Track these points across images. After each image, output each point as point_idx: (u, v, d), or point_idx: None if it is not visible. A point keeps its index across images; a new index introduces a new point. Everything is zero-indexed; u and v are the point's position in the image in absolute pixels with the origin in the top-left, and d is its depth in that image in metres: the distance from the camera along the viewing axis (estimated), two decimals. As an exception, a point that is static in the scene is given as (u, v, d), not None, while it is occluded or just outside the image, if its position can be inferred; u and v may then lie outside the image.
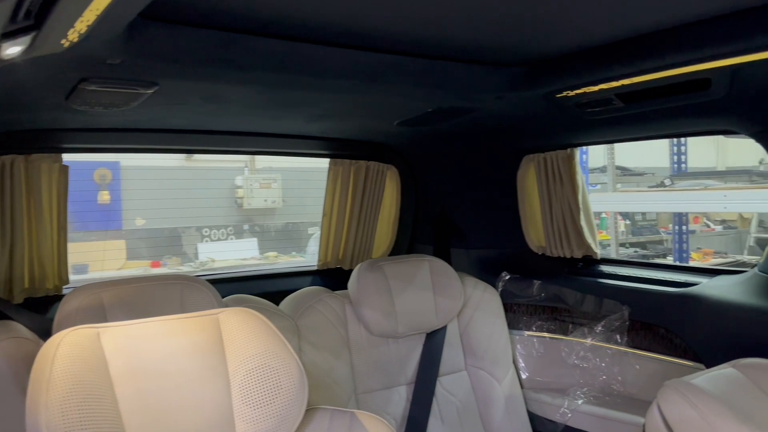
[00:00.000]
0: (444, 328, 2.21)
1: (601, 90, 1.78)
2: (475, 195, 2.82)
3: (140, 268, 7.47)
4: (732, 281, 2.04)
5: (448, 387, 2.20)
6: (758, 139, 1.83)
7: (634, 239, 8.37)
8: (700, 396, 1.27)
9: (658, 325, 2.17)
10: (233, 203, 9.75)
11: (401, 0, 1.28)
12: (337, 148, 2.80)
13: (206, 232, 9.37)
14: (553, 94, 1.88)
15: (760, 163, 8.11)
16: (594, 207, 2.60)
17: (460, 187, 2.83)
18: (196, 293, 1.81)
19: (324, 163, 2.91)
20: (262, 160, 9.78)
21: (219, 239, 9.58)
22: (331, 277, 2.97)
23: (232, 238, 9.78)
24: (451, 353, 2.22)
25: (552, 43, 1.61)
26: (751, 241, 8.20)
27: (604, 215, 7.36)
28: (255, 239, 9.95)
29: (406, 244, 3.09)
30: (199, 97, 1.78)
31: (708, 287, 2.06)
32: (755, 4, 1.32)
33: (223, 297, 1.92)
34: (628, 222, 8.85)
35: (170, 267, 7.83)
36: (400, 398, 2.12)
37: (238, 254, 9.27)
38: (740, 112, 1.78)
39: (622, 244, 7.78)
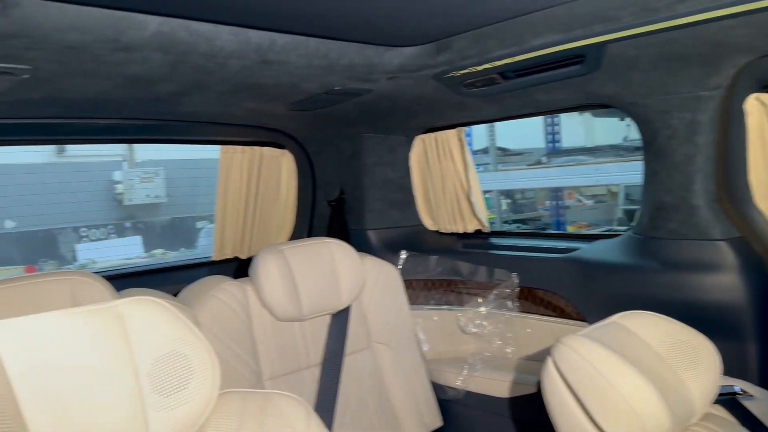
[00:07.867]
0: (348, 308, 2.24)
1: (485, 69, 1.87)
2: (371, 176, 2.86)
3: (13, 274, 6.90)
4: (609, 244, 2.22)
5: (355, 364, 2.24)
6: (629, 111, 2.00)
7: (516, 216, 8.88)
8: (588, 346, 1.39)
9: (545, 290, 2.32)
10: (113, 200, 9.19)
11: None
12: (228, 135, 2.74)
13: (84, 231, 8.76)
14: (441, 75, 1.95)
15: (624, 139, 8.86)
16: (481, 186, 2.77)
17: (356, 169, 2.86)
18: (89, 289, 1.72)
19: (214, 153, 2.84)
20: (144, 152, 9.29)
21: (99, 239, 9.00)
22: (228, 268, 2.92)
23: (113, 237, 9.23)
24: (355, 331, 2.26)
25: (439, 24, 1.67)
26: (619, 213, 8.94)
27: (488, 196, 7.72)
28: (139, 237, 9.41)
29: (306, 229, 3.09)
30: (73, 82, 1.68)
31: (587, 251, 2.24)
32: None
33: (118, 292, 1.85)
34: (509, 201, 9.37)
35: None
36: (309, 380, 2.13)
37: (122, 253, 8.79)
38: (613, 85, 1.94)
39: (505, 221, 8.20)
